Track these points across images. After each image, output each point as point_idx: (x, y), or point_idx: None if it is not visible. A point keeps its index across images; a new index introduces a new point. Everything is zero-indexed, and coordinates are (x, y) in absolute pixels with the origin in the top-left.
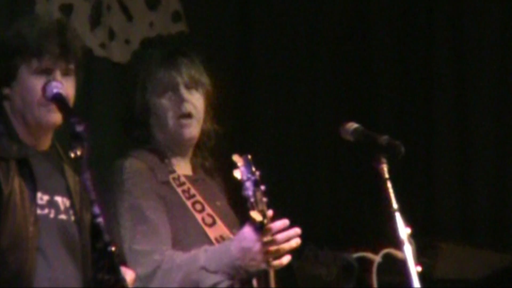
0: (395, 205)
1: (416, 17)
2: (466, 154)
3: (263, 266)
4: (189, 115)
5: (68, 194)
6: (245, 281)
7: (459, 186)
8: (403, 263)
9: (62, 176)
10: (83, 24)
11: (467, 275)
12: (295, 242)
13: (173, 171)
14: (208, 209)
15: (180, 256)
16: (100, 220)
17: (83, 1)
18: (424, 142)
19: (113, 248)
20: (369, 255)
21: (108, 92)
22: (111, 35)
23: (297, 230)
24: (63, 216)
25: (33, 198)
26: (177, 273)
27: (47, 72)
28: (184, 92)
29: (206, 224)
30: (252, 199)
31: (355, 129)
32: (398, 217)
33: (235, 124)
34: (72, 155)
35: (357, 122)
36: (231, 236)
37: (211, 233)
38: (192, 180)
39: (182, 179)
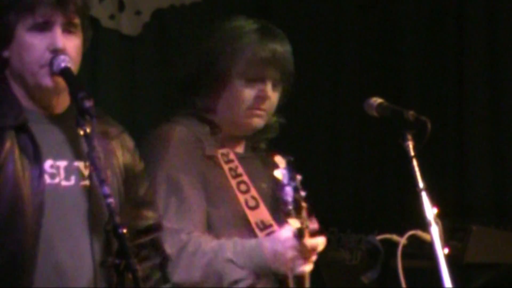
0: (421, 184)
1: None
2: (499, 132)
3: (290, 270)
4: (263, 109)
5: (94, 162)
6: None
7: (492, 167)
8: (429, 245)
9: (86, 143)
10: None
11: (499, 259)
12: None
13: (223, 146)
14: (253, 191)
15: (206, 242)
16: (110, 200)
17: None
18: (455, 120)
19: (124, 231)
20: (394, 237)
21: (116, 65)
22: (121, 6)
23: (323, 239)
24: (86, 182)
25: (39, 167)
26: (201, 258)
27: (46, 27)
28: (269, 90)
29: (248, 207)
30: (290, 206)
31: (380, 104)
32: (425, 197)
33: None
34: (81, 132)
35: (383, 98)
36: (271, 222)
37: (252, 216)
38: (241, 158)
39: (231, 156)
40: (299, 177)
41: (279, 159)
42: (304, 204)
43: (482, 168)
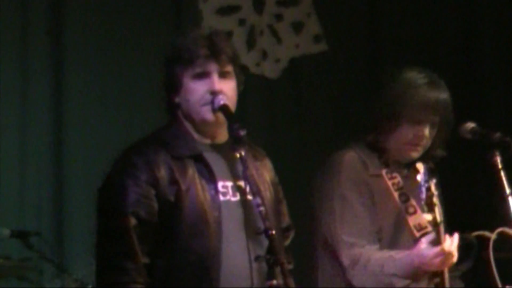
0: (508, 190)
1: None
2: None
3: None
4: (420, 145)
5: (248, 179)
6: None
7: None
8: None
9: (242, 163)
10: (241, 47)
11: None
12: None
13: (388, 166)
14: (412, 201)
15: (374, 257)
16: (261, 209)
17: (240, 28)
18: None
19: (273, 232)
20: (486, 233)
21: (262, 103)
22: (264, 55)
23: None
24: (249, 197)
25: (214, 187)
26: (369, 270)
27: (204, 75)
28: (426, 131)
29: (408, 212)
30: (422, 202)
31: (473, 128)
32: (511, 201)
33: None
34: (238, 155)
35: (472, 121)
36: (427, 224)
37: (411, 220)
38: (403, 176)
39: (395, 174)
40: (434, 179)
41: (420, 165)
42: (435, 201)
43: None
